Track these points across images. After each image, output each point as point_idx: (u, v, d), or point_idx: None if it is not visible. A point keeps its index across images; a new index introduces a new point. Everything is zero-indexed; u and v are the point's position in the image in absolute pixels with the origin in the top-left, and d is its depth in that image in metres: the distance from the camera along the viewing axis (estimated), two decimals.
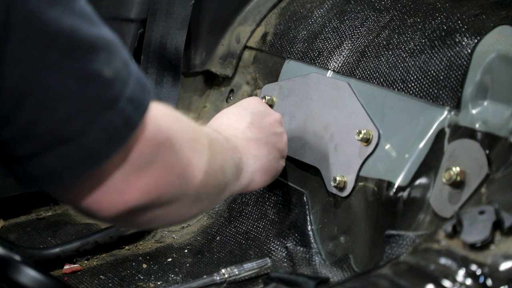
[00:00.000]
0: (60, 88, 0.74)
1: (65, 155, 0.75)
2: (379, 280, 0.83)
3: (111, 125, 0.76)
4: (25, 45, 0.72)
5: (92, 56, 0.75)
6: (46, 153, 0.75)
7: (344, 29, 1.30)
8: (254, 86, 1.43)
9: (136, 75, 0.79)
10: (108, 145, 0.77)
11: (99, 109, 0.75)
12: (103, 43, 0.76)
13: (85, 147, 0.75)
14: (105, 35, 0.77)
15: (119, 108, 0.76)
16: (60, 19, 0.73)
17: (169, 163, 0.84)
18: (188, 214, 0.94)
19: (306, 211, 1.24)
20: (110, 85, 0.76)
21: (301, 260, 1.19)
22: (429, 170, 1.08)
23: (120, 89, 0.76)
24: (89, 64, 0.75)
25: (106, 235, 1.34)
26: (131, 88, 0.77)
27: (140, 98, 0.79)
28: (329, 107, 1.25)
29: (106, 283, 1.22)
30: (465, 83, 1.08)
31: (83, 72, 0.74)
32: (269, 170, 1.17)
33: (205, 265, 1.26)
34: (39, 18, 0.72)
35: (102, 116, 0.75)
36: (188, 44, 1.47)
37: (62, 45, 0.73)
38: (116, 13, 1.47)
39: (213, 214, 1.38)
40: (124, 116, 0.77)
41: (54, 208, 1.49)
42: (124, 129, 0.77)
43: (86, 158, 0.76)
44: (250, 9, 1.50)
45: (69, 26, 0.73)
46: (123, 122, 0.77)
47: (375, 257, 1.09)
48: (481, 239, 0.81)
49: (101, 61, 0.75)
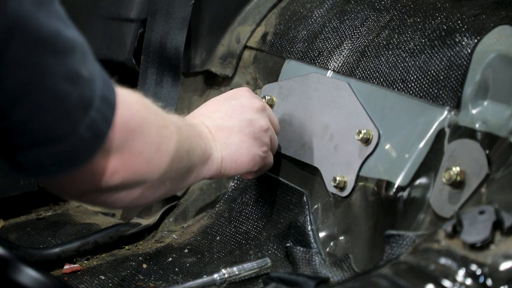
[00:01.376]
0: (54, 90, 0.76)
1: (54, 153, 0.78)
2: (379, 280, 0.83)
3: (94, 124, 0.80)
4: (24, 49, 0.74)
5: (73, 58, 0.78)
6: (36, 149, 0.78)
7: (344, 29, 1.30)
8: (254, 86, 1.43)
9: (101, 74, 0.82)
10: (92, 143, 0.81)
11: (83, 109, 0.79)
12: (78, 45, 0.79)
13: (73, 146, 0.79)
14: (77, 36, 0.80)
15: (96, 107, 0.79)
16: (48, 23, 0.76)
17: (139, 148, 0.88)
18: (152, 196, 0.96)
19: (306, 211, 1.24)
20: (88, 85, 0.79)
21: (301, 260, 1.19)
22: (429, 170, 1.08)
23: (94, 88, 0.80)
24: (72, 65, 0.78)
25: (106, 235, 1.34)
26: (100, 86, 0.81)
27: (109, 95, 0.82)
28: (329, 107, 1.25)
29: (106, 283, 1.22)
30: (465, 83, 1.08)
31: (70, 74, 0.77)
32: (241, 158, 1.16)
33: (205, 265, 1.26)
34: (34, 22, 0.75)
35: (86, 116, 0.79)
36: (188, 44, 1.47)
37: (52, 48, 0.76)
38: (116, 13, 1.47)
39: (213, 214, 1.38)
40: (101, 114, 0.80)
41: (54, 208, 1.49)
42: (104, 126, 0.81)
43: (74, 156, 0.80)
44: (250, 9, 1.50)
45: (55, 29, 0.77)
46: (102, 120, 0.80)
47: (375, 257, 1.09)
48: (481, 239, 0.81)
49: (79, 62, 0.79)
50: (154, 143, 0.90)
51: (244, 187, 1.38)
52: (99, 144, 0.81)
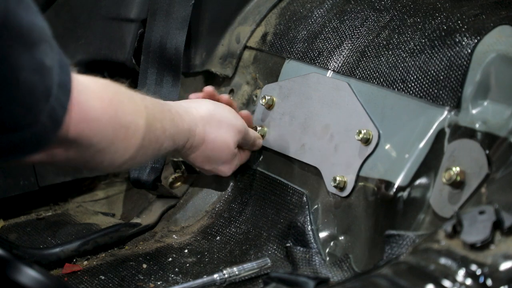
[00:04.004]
0: (24, 82, 0.77)
1: (16, 141, 0.80)
2: (379, 280, 0.83)
3: (53, 112, 0.81)
4: (7, 44, 0.75)
5: (41, 49, 0.79)
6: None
7: (344, 29, 1.30)
8: (254, 86, 1.43)
9: (59, 57, 0.83)
10: (51, 130, 0.82)
11: (45, 98, 0.80)
12: (46, 35, 0.80)
13: (34, 134, 0.80)
14: (44, 24, 0.80)
15: (54, 94, 0.81)
16: (26, 16, 0.78)
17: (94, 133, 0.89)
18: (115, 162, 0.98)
19: (306, 211, 1.24)
20: (49, 73, 0.80)
21: (301, 260, 1.19)
22: (429, 170, 1.08)
23: (53, 75, 0.81)
24: (40, 57, 0.79)
25: (106, 235, 1.34)
26: (58, 72, 0.82)
27: (65, 81, 0.83)
28: (329, 107, 1.25)
29: (106, 283, 1.22)
30: (465, 83, 1.08)
31: (38, 65, 0.78)
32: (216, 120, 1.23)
33: (205, 265, 1.26)
34: (17, 18, 0.75)
35: (47, 104, 0.80)
36: (188, 44, 1.47)
37: (27, 42, 0.77)
38: (116, 13, 1.47)
39: (213, 214, 1.38)
40: (59, 100, 0.81)
41: (54, 208, 1.49)
42: (61, 113, 0.82)
43: (34, 143, 0.82)
44: (250, 9, 1.50)
45: (32, 22, 0.79)
46: (59, 106, 0.82)
47: (375, 257, 1.09)
48: (481, 239, 0.81)
49: (45, 53, 0.79)
50: (110, 140, 0.92)
51: (244, 187, 1.38)
52: (56, 130, 0.83)
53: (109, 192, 1.56)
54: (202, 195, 1.43)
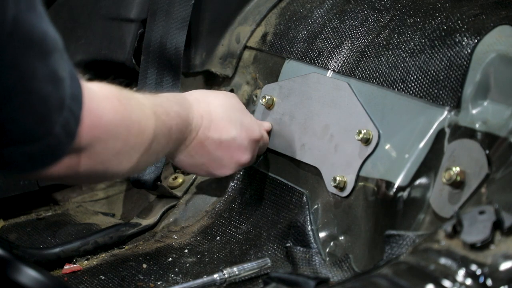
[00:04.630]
0: (39, 92, 0.77)
1: (29, 152, 0.79)
2: (379, 280, 0.83)
3: (67, 123, 0.80)
4: (18, 53, 0.74)
5: (54, 58, 0.78)
6: (12, 148, 0.78)
7: (344, 29, 1.30)
8: (254, 86, 1.43)
9: (69, 69, 0.82)
10: (64, 142, 0.81)
11: (59, 109, 0.79)
12: (58, 44, 0.79)
13: (48, 145, 0.80)
14: (56, 34, 0.80)
15: (67, 105, 0.80)
16: (39, 25, 0.76)
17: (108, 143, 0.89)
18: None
19: (306, 211, 1.24)
20: (62, 84, 0.79)
21: (301, 260, 1.19)
22: (429, 170, 1.08)
23: (65, 86, 0.80)
24: (54, 66, 0.78)
25: (106, 235, 1.34)
26: (69, 83, 0.81)
27: (77, 92, 0.82)
28: (329, 107, 1.25)
29: (106, 283, 1.22)
30: (465, 83, 1.08)
31: (51, 75, 0.78)
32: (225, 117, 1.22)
33: (205, 265, 1.26)
34: (28, 26, 0.75)
35: (61, 115, 0.79)
36: (188, 44, 1.47)
37: (40, 51, 0.76)
38: (116, 13, 1.47)
39: (213, 214, 1.38)
40: (72, 112, 0.81)
41: (54, 208, 1.49)
42: (74, 124, 0.82)
43: (48, 155, 0.81)
44: (250, 9, 1.50)
45: (44, 31, 0.77)
46: (72, 117, 0.81)
47: (375, 257, 1.09)
48: (481, 239, 0.81)
49: (58, 62, 0.79)
50: (125, 139, 0.92)
51: (244, 187, 1.38)
52: (70, 142, 0.82)
53: (109, 192, 1.56)
54: (202, 195, 1.43)
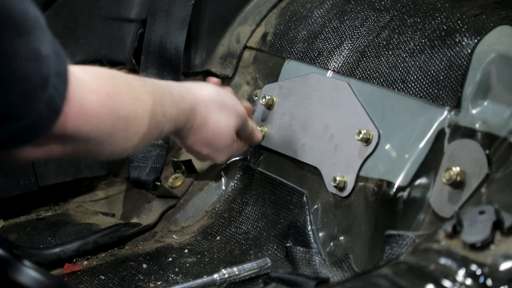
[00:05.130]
0: (19, 71, 0.77)
1: (12, 130, 0.79)
2: (379, 280, 0.83)
3: (51, 101, 0.80)
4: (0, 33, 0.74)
5: (36, 37, 0.78)
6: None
7: (344, 29, 1.30)
8: (254, 86, 1.43)
9: (55, 46, 0.82)
10: (50, 120, 0.81)
11: (42, 86, 0.79)
12: (39, 23, 0.79)
13: (31, 123, 0.79)
14: (37, 12, 0.79)
15: (52, 83, 0.80)
16: (17, 5, 0.77)
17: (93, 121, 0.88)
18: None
19: (306, 211, 1.24)
20: (45, 62, 0.79)
21: (301, 260, 1.19)
22: (429, 170, 1.08)
23: (50, 64, 0.80)
24: (35, 45, 0.78)
25: (106, 235, 1.34)
26: (55, 61, 0.80)
27: (62, 70, 0.82)
28: (329, 107, 1.25)
29: (106, 283, 1.22)
30: (465, 83, 1.08)
31: (33, 53, 0.77)
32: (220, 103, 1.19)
33: (205, 265, 1.26)
34: (9, 6, 0.74)
35: (44, 93, 0.79)
36: (188, 44, 1.47)
37: (20, 30, 0.76)
38: (116, 13, 1.47)
39: (213, 214, 1.38)
40: (57, 89, 0.80)
41: (54, 208, 1.49)
42: (60, 102, 0.81)
43: (31, 133, 0.80)
44: (250, 9, 1.50)
45: (25, 10, 0.78)
46: (58, 95, 0.81)
47: (375, 257, 1.09)
48: (481, 239, 0.81)
49: (40, 40, 0.78)
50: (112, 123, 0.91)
51: (244, 187, 1.38)
52: (54, 120, 0.82)
53: (109, 192, 1.56)
54: (202, 195, 1.43)
